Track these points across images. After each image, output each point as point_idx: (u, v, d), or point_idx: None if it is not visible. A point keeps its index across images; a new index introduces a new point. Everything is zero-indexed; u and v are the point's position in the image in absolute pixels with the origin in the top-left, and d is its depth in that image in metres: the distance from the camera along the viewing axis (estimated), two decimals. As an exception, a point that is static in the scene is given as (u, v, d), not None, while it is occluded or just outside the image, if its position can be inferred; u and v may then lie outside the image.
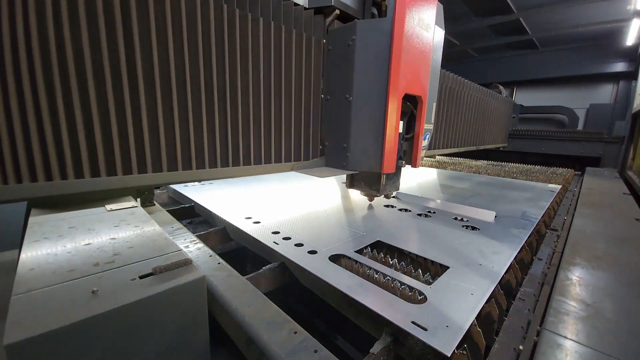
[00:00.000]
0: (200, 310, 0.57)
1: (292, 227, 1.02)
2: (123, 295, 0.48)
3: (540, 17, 3.09)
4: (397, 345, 0.55)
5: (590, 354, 0.50)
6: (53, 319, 0.41)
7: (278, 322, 0.56)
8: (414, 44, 0.99)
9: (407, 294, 0.64)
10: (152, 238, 0.71)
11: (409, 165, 1.18)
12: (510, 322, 0.61)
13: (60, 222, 0.80)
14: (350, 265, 0.77)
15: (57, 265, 0.56)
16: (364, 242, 0.90)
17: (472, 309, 0.59)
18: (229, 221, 1.06)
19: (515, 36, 3.69)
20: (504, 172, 2.45)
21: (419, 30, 1.00)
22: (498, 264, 0.80)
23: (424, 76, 1.08)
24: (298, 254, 0.81)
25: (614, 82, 3.96)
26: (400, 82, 0.96)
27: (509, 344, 0.55)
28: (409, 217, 1.19)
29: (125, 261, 0.59)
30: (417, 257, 0.85)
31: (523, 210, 1.32)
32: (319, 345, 0.50)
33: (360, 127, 1.01)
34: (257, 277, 0.76)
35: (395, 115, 0.98)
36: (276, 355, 0.49)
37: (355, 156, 1.03)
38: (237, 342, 0.60)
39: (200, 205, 1.25)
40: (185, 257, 0.61)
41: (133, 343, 0.48)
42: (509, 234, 1.02)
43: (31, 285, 0.49)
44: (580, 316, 0.60)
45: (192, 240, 0.90)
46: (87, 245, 0.65)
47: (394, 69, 0.94)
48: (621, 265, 0.83)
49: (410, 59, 0.98)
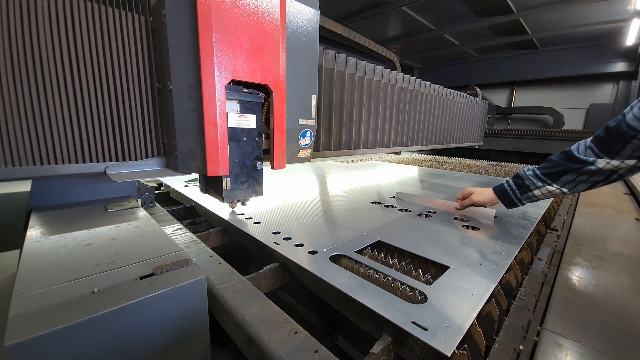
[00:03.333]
0: (200, 310, 0.57)
1: (293, 227, 1.02)
2: (123, 296, 0.48)
3: (540, 17, 3.09)
4: (397, 345, 0.55)
5: (590, 354, 0.50)
6: (53, 320, 0.41)
7: (278, 322, 0.56)
8: (241, 20, 0.83)
9: (408, 294, 0.64)
10: (153, 238, 0.71)
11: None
12: (510, 322, 0.61)
13: (61, 222, 0.80)
14: (350, 265, 0.77)
15: (57, 266, 0.56)
16: (364, 242, 0.90)
17: (472, 309, 0.59)
18: (229, 221, 1.06)
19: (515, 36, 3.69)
20: (504, 172, 2.45)
21: (250, 2, 0.84)
22: (498, 264, 0.80)
23: (270, 61, 0.92)
24: (298, 254, 0.81)
25: (614, 82, 3.97)
26: (217, 66, 0.80)
27: (509, 344, 0.55)
28: (409, 217, 1.19)
29: (125, 261, 0.59)
30: (417, 257, 0.85)
31: (523, 210, 1.32)
32: (319, 345, 0.50)
33: (182, 121, 0.87)
34: (258, 277, 0.76)
35: (214, 107, 0.83)
36: (276, 355, 0.49)
37: (183, 156, 0.89)
38: (237, 342, 0.60)
39: (201, 206, 1.26)
40: (185, 257, 0.61)
41: (133, 343, 0.48)
42: (509, 234, 1.02)
43: (32, 285, 0.49)
44: (580, 316, 0.60)
45: (192, 241, 0.90)
46: (88, 246, 0.65)
47: (204, 50, 0.79)
48: (621, 265, 0.83)
49: (235, 39, 0.83)
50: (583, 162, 0.82)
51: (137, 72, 0.90)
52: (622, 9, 2.80)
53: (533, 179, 0.96)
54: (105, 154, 0.88)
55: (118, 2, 0.85)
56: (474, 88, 3.97)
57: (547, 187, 0.93)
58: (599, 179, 0.82)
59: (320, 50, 1.46)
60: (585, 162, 0.82)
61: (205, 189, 1.06)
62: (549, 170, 0.92)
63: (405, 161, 3.05)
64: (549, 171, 0.92)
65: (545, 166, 0.94)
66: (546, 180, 0.93)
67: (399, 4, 2.94)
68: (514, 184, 1.04)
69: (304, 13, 1.04)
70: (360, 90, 1.76)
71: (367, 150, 1.91)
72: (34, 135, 0.77)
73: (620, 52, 3.61)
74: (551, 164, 0.92)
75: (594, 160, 0.80)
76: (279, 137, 1.02)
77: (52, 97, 0.78)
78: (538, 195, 0.97)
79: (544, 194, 0.96)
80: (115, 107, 0.88)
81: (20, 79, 0.74)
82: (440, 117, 2.59)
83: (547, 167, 0.93)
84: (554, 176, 0.91)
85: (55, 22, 0.77)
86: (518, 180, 1.03)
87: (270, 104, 0.98)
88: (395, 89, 2.03)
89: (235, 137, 0.92)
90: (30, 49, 0.75)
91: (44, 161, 0.80)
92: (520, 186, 1.02)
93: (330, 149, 1.67)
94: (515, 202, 1.05)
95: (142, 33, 0.90)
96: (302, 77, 1.08)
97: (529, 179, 0.98)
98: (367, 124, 1.86)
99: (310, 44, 1.08)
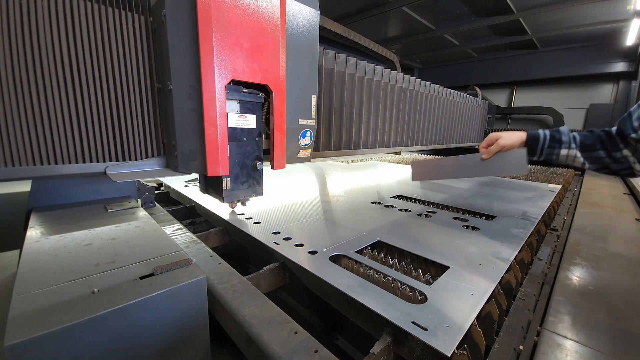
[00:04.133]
0: (200, 310, 0.57)
1: (293, 227, 1.02)
2: (123, 296, 0.48)
3: (540, 17, 3.09)
4: (397, 345, 0.55)
5: (590, 354, 0.50)
6: (53, 320, 0.41)
7: (278, 322, 0.56)
8: (241, 20, 0.83)
9: (407, 294, 0.64)
10: (153, 238, 0.71)
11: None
12: (510, 322, 0.61)
13: (61, 222, 0.80)
14: (350, 265, 0.77)
15: (57, 266, 0.56)
16: (364, 242, 0.90)
17: (472, 309, 0.59)
18: (229, 221, 1.06)
19: (515, 36, 3.69)
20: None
21: (250, 2, 0.84)
22: (498, 264, 0.80)
23: (270, 62, 0.92)
24: (298, 254, 0.81)
25: (614, 82, 3.96)
26: (217, 66, 0.81)
27: (509, 344, 0.55)
28: (409, 217, 1.19)
29: (125, 261, 0.59)
30: (417, 257, 0.85)
31: (523, 210, 1.32)
32: (319, 345, 0.50)
33: (182, 121, 0.87)
34: (258, 277, 0.76)
35: (214, 107, 0.83)
36: (276, 355, 0.49)
37: (183, 156, 0.90)
38: (237, 342, 0.60)
39: (201, 206, 1.26)
40: (185, 257, 0.61)
41: (133, 343, 0.48)
42: (509, 234, 1.02)
43: (32, 285, 0.49)
44: (580, 316, 0.60)
45: (192, 241, 0.90)
46: (88, 246, 0.65)
47: (204, 50, 0.79)
48: (621, 266, 0.83)
49: (235, 39, 0.83)
50: (618, 148, 0.86)
51: (137, 72, 0.90)
52: (622, 9, 2.80)
53: (571, 140, 0.95)
54: (105, 154, 0.88)
55: (118, 2, 0.85)
56: (474, 88, 3.99)
57: (577, 153, 0.93)
58: (617, 167, 0.87)
59: (320, 50, 1.46)
60: (619, 149, 0.86)
61: (205, 189, 1.06)
62: (588, 141, 0.92)
63: (405, 161, 3.05)
64: (588, 141, 0.92)
65: (586, 135, 0.94)
66: (580, 146, 0.93)
67: (399, 4, 2.94)
68: (549, 135, 0.99)
69: (304, 13, 1.04)
70: (360, 90, 1.76)
71: (367, 150, 1.91)
72: (34, 135, 0.77)
73: (620, 52, 3.60)
74: (593, 135, 0.92)
75: (623, 147, 0.84)
76: (279, 137, 1.02)
77: (52, 97, 0.78)
78: (562, 155, 0.96)
79: (569, 157, 0.95)
80: (115, 107, 0.88)
81: (20, 79, 0.74)
82: (440, 117, 2.60)
83: (587, 137, 0.93)
84: (589, 147, 0.92)
85: (55, 22, 0.77)
86: (555, 134, 0.98)
87: (270, 104, 0.98)
88: (395, 89, 2.04)
89: (235, 137, 0.92)
90: (30, 49, 0.75)
91: (44, 161, 0.80)
92: (554, 139, 0.98)
93: (330, 149, 1.67)
94: (537, 151, 1.00)
95: (142, 33, 0.90)
96: (302, 77, 1.08)
97: (568, 136, 0.96)
98: (367, 124, 1.86)
99: (310, 44, 1.09)
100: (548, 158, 1.00)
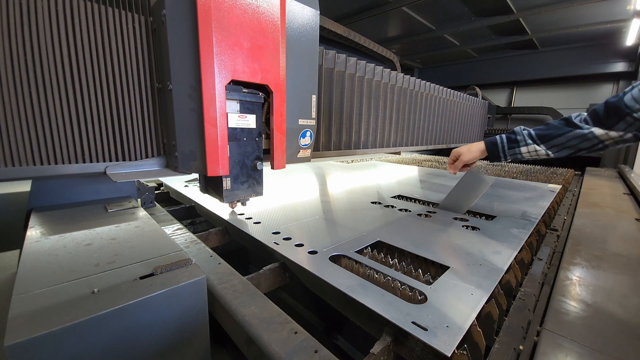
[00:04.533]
0: (200, 310, 0.57)
1: (293, 227, 1.02)
2: (123, 296, 0.48)
3: (540, 17, 3.09)
4: (397, 345, 0.55)
5: (590, 354, 0.50)
6: (53, 320, 0.41)
7: (278, 322, 0.56)
8: (241, 20, 0.83)
9: (407, 294, 0.64)
10: (153, 238, 0.71)
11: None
12: (510, 322, 0.61)
13: (61, 222, 0.80)
14: (350, 265, 0.77)
15: (57, 266, 0.56)
16: (364, 242, 0.90)
17: (472, 309, 0.59)
18: (229, 221, 1.06)
19: (515, 36, 3.69)
20: (504, 172, 2.45)
21: (250, 2, 0.84)
22: (498, 264, 0.80)
23: (270, 62, 0.92)
24: (298, 254, 0.81)
25: (614, 82, 3.96)
26: (217, 66, 0.81)
27: (509, 344, 0.55)
28: (409, 217, 1.19)
29: (125, 261, 0.59)
30: (417, 257, 0.85)
31: (523, 210, 1.32)
32: (319, 345, 0.50)
33: (182, 121, 0.87)
34: (258, 277, 0.76)
35: (214, 107, 0.83)
36: (276, 355, 0.49)
37: (183, 156, 0.90)
38: (237, 342, 0.60)
39: (201, 206, 1.26)
40: (185, 257, 0.61)
41: (133, 343, 0.48)
42: (509, 234, 1.02)
43: (32, 285, 0.49)
44: (580, 316, 0.60)
45: (192, 241, 0.90)
46: (88, 246, 0.65)
47: (204, 50, 0.79)
48: (621, 266, 0.83)
49: (235, 39, 0.83)
50: (578, 127, 0.91)
51: (137, 72, 0.90)
52: (622, 9, 2.80)
53: (526, 136, 1.01)
54: (105, 154, 0.88)
55: (118, 2, 0.85)
56: (474, 88, 3.99)
57: (535, 147, 0.99)
58: (586, 145, 0.91)
59: (320, 50, 1.46)
60: (580, 127, 0.91)
61: (205, 189, 1.06)
62: (543, 132, 0.98)
63: (405, 161, 3.05)
64: (543, 133, 0.98)
65: (541, 128, 0.99)
66: (537, 140, 0.99)
67: (399, 4, 2.94)
68: (506, 138, 1.06)
69: (304, 13, 1.04)
70: (360, 90, 1.76)
71: (367, 150, 1.91)
72: (34, 135, 0.77)
73: (620, 52, 3.60)
74: (548, 126, 0.98)
75: (589, 128, 0.89)
76: (279, 137, 1.02)
77: (52, 97, 0.78)
78: (524, 153, 1.02)
79: (530, 152, 1.01)
80: (115, 107, 0.88)
81: (20, 79, 0.74)
82: (440, 117, 2.60)
83: (542, 129, 0.99)
84: (546, 138, 0.97)
85: (55, 22, 0.77)
86: (511, 135, 1.05)
87: (270, 104, 0.98)
88: (395, 89, 2.04)
89: (235, 137, 0.92)
90: (30, 49, 0.75)
91: (44, 161, 0.80)
92: (511, 141, 1.04)
93: (330, 149, 1.67)
94: (500, 155, 1.07)
95: (142, 33, 0.90)
96: (302, 77, 1.08)
97: (521, 134, 1.02)
98: (367, 124, 1.86)
99: (310, 44, 1.09)
100: (514, 158, 1.06)
